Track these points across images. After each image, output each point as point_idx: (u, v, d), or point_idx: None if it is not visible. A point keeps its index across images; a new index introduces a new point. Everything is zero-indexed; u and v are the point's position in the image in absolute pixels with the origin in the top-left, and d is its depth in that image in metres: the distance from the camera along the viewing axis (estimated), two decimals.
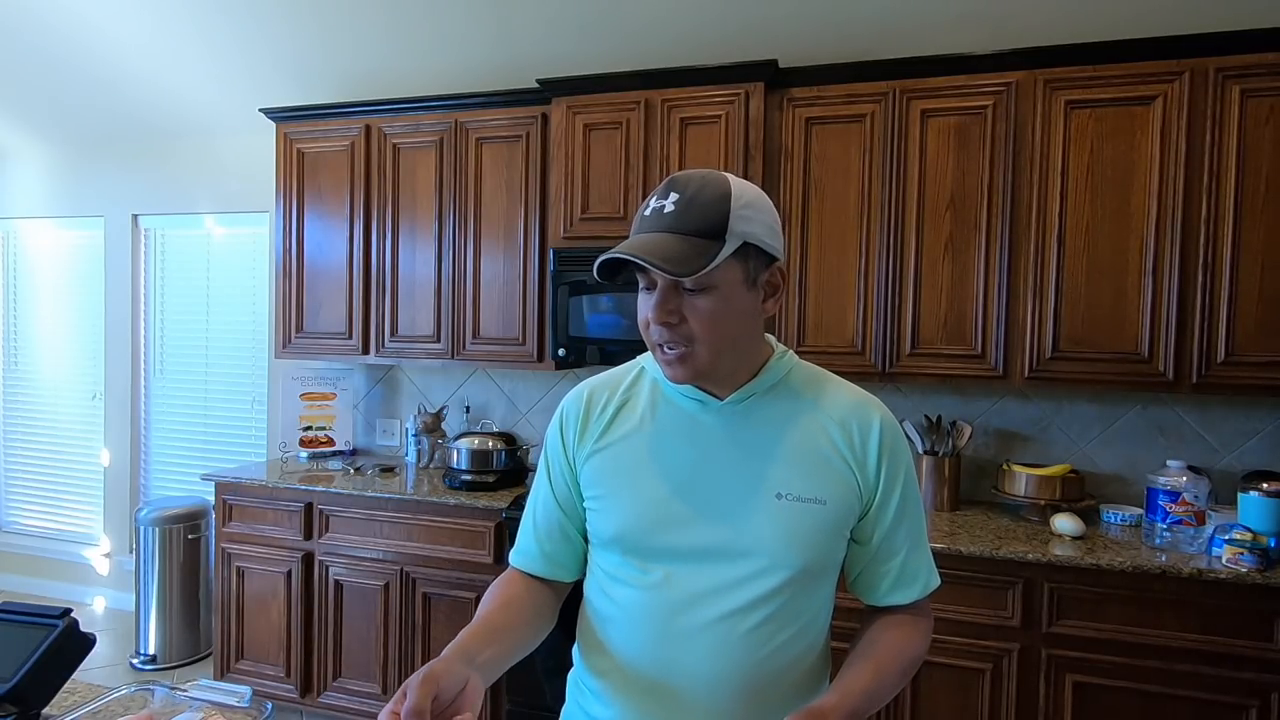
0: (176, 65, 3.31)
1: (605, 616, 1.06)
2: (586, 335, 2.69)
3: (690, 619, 0.98)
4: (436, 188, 2.95)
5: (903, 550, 1.04)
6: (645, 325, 0.98)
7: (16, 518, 4.35)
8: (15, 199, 4.16)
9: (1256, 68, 2.13)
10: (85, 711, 1.03)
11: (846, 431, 1.02)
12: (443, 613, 2.67)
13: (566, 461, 1.09)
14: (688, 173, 0.96)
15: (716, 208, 0.92)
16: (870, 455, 1.01)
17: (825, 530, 0.99)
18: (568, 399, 1.12)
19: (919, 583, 1.06)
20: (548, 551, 1.11)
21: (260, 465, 3.23)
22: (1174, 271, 2.22)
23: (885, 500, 1.02)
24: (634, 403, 1.07)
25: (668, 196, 0.94)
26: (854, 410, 1.03)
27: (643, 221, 0.96)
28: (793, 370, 1.06)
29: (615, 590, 1.05)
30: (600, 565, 1.08)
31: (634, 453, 1.04)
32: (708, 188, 0.94)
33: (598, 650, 1.07)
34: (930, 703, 2.19)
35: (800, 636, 1.01)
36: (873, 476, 1.02)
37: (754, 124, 2.51)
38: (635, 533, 1.02)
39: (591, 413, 1.08)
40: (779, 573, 0.98)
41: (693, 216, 0.92)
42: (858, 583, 1.08)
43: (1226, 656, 1.96)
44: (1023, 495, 2.43)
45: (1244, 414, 2.46)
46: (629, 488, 1.03)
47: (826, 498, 0.99)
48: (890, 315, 2.46)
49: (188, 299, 3.87)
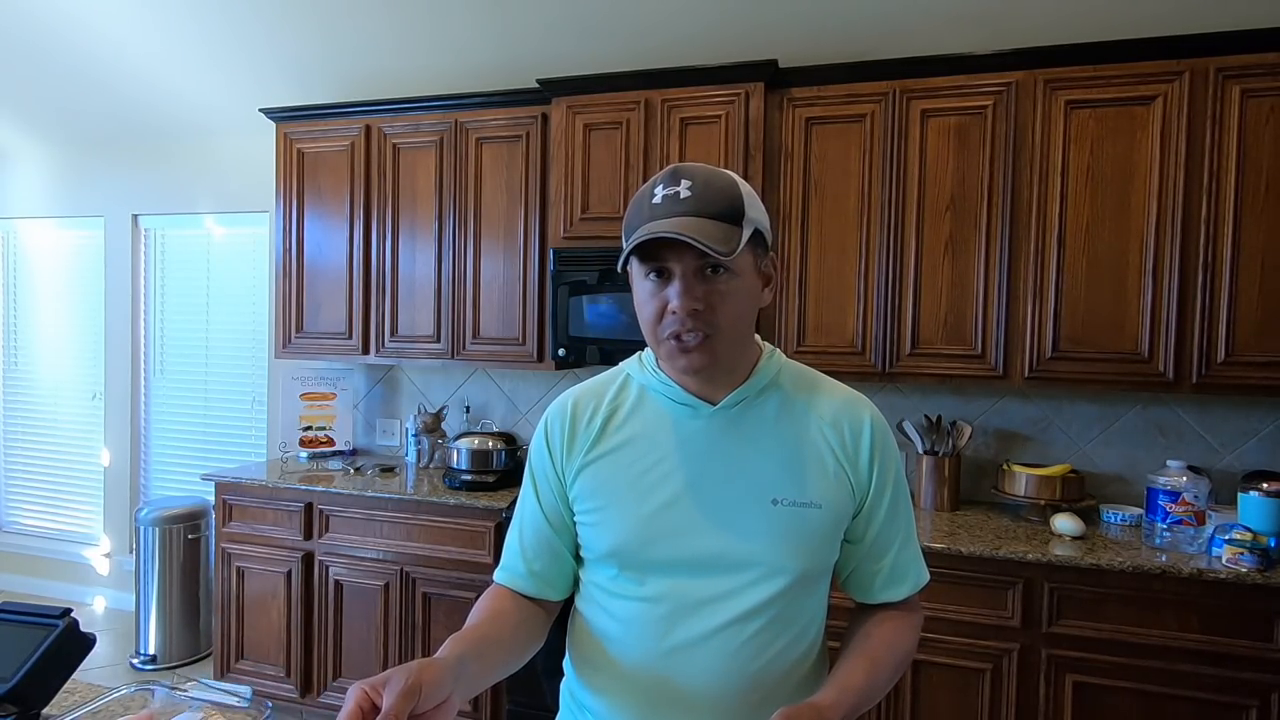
0: (177, 65, 3.31)
1: (601, 631, 1.04)
2: (586, 335, 2.69)
3: (690, 629, 0.97)
4: (436, 188, 2.95)
5: (894, 547, 1.04)
6: (656, 316, 0.94)
7: (16, 518, 4.34)
8: (15, 199, 4.16)
9: (1256, 68, 2.13)
10: (85, 711, 1.03)
11: (839, 431, 1.01)
12: (443, 613, 2.67)
13: (555, 476, 1.06)
14: (688, 164, 0.95)
15: (731, 193, 0.92)
16: (862, 454, 1.01)
17: (822, 534, 0.99)
18: (551, 411, 1.09)
19: (909, 579, 1.06)
20: (536, 570, 1.07)
21: (260, 465, 3.23)
22: (1174, 271, 2.22)
23: (877, 499, 1.02)
24: (622, 412, 1.04)
25: (678, 183, 0.92)
26: (844, 410, 1.03)
27: (655, 209, 0.92)
28: (782, 371, 1.05)
29: (611, 604, 1.03)
30: (594, 580, 1.05)
31: (626, 464, 1.01)
32: (716, 175, 0.94)
33: (593, 665, 1.05)
34: (930, 703, 2.19)
35: (799, 639, 1.01)
36: (865, 476, 1.01)
37: (754, 124, 2.51)
38: (631, 547, 0.99)
39: (579, 424, 1.05)
40: (778, 579, 0.97)
41: (712, 200, 0.91)
42: (850, 581, 1.08)
43: (1226, 656, 1.96)
44: (1023, 495, 2.43)
45: (1244, 414, 2.46)
46: (622, 501, 1.00)
47: (822, 501, 0.98)
48: (890, 315, 2.46)
49: (188, 299, 3.87)
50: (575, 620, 1.10)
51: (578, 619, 1.09)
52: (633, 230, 0.93)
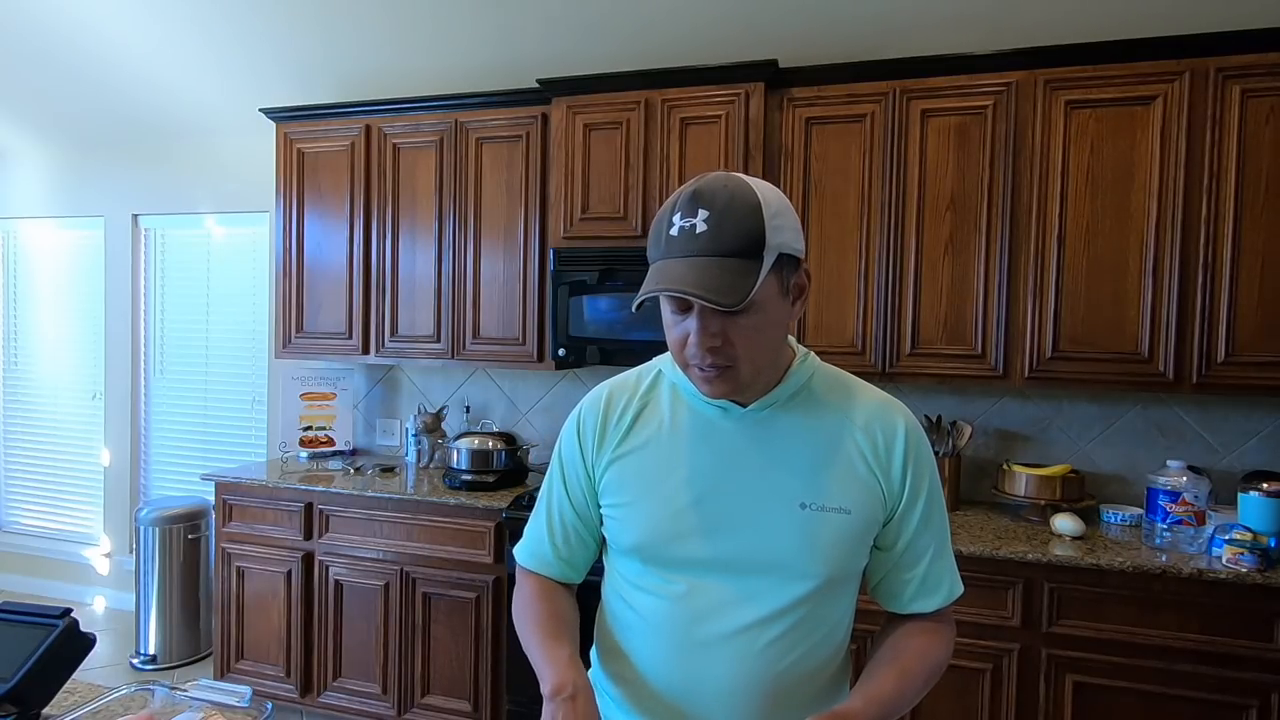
0: (177, 65, 3.31)
1: (625, 623, 1.05)
2: (586, 335, 2.69)
3: (712, 629, 0.97)
4: (436, 188, 2.95)
5: (926, 557, 1.02)
6: (680, 344, 0.93)
7: (16, 518, 4.34)
8: (15, 199, 4.16)
9: (1256, 68, 2.13)
10: (85, 711, 1.03)
11: (871, 437, 0.99)
12: (443, 613, 2.67)
13: (584, 467, 1.07)
14: (709, 183, 0.89)
15: (752, 223, 0.86)
16: (895, 461, 0.99)
17: (850, 540, 0.97)
18: (586, 403, 1.09)
19: (942, 591, 1.03)
20: (565, 557, 1.10)
21: (260, 465, 3.23)
22: (1174, 271, 2.22)
23: (910, 507, 1.00)
24: (653, 408, 1.04)
25: (696, 214, 0.87)
26: (878, 415, 1.01)
27: (671, 243, 0.89)
28: (815, 374, 1.04)
29: (636, 598, 1.03)
30: (620, 572, 1.06)
31: (654, 461, 1.01)
32: (736, 201, 0.87)
33: (617, 656, 1.06)
34: (930, 703, 2.19)
35: (823, 645, 1.00)
36: (897, 483, 0.99)
37: (754, 124, 2.51)
38: (656, 543, 1.00)
39: (610, 418, 1.05)
40: (802, 583, 0.96)
41: (728, 236, 0.86)
42: (879, 589, 1.06)
43: (1226, 656, 1.96)
44: (1023, 495, 2.43)
45: (1244, 414, 2.46)
46: (649, 497, 1.00)
47: (851, 507, 0.97)
48: (890, 315, 2.46)
49: (188, 299, 3.87)
50: (602, 608, 1.12)
51: (604, 607, 1.11)
52: (652, 260, 0.92)
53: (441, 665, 2.68)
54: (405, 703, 2.72)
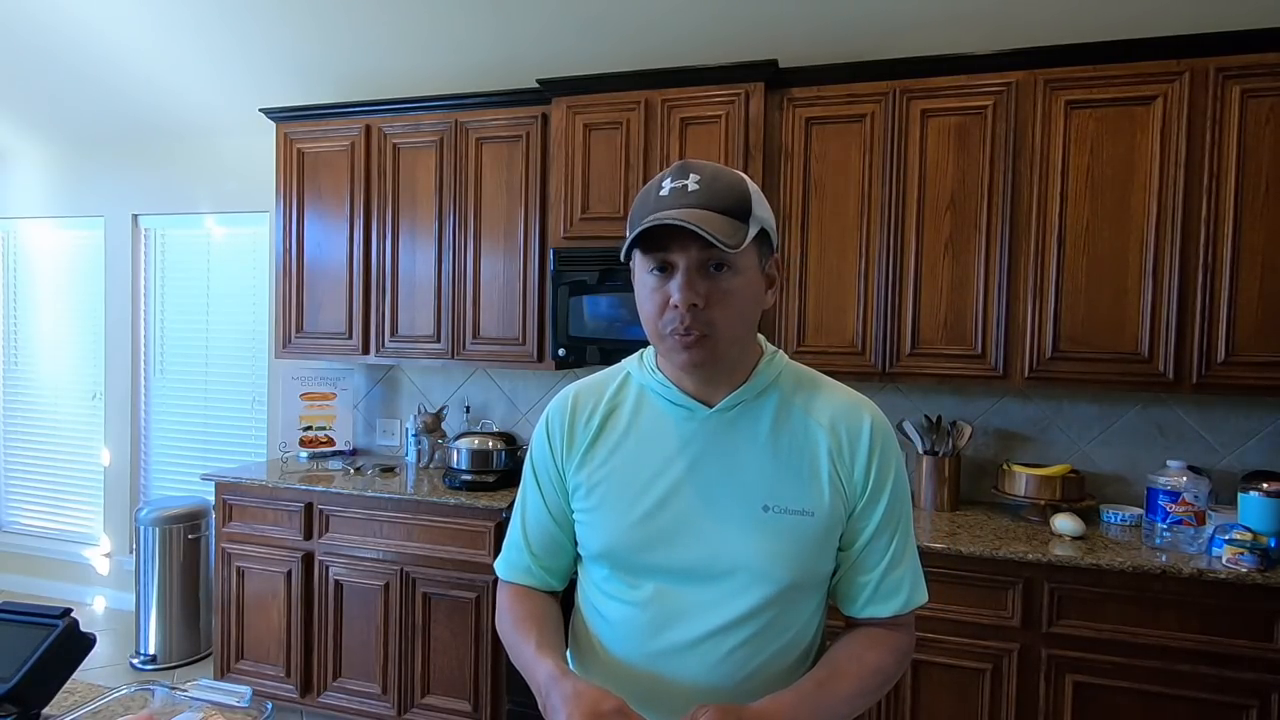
0: (176, 65, 3.31)
1: (594, 627, 1.05)
2: (586, 335, 2.69)
3: (677, 635, 0.97)
4: (436, 188, 2.95)
5: (884, 561, 0.99)
6: (657, 311, 0.93)
7: (16, 518, 4.34)
8: (15, 199, 4.16)
9: (1256, 68, 2.13)
10: (85, 711, 1.03)
11: (836, 435, 0.98)
12: (443, 613, 2.67)
13: (556, 470, 1.06)
14: (696, 160, 0.95)
15: (739, 189, 0.92)
16: (859, 458, 0.98)
17: (813, 542, 0.96)
18: (552, 407, 1.09)
19: (899, 597, 1.00)
20: (545, 565, 1.09)
21: (260, 465, 3.23)
22: (1174, 272, 2.22)
23: (870, 506, 0.98)
24: (620, 411, 1.04)
25: (686, 176, 0.91)
26: (845, 413, 1.00)
27: (661, 199, 0.91)
28: (783, 373, 1.03)
29: (604, 604, 1.03)
30: (590, 576, 1.06)
31: (620, 465, 1.01)
32: (724, 172, 0.93)
33: (587, 659, 1.06)
34: (930, 703, 2.19)
35: (790, 649, 0.99)
36: (859, 481, 0.98)
37: (754, 124, 2.51)
38: (622, 549, 0.99)
39: (578, 420, 1.05)
40: (766, 587, 0.95)
41: (720, 194, 0.90)
42: (835, 590, 1.04)
43: (1226, 656, 1.96)
44: (1023, 495, 2.43)
45: (1244, 414, 2.46)
46: (615, 503, 1.00)
47: (814, 509, 0.96)
48: (890, 315, 2.46)
49: (188, 299, 3.87)
50: (576, 611, 1.12)
51: (577, 611, 1.11)
52: (637, 222, 0.92)
53: (441, 665, 2.68)
54: (405, 703, 2.72)
